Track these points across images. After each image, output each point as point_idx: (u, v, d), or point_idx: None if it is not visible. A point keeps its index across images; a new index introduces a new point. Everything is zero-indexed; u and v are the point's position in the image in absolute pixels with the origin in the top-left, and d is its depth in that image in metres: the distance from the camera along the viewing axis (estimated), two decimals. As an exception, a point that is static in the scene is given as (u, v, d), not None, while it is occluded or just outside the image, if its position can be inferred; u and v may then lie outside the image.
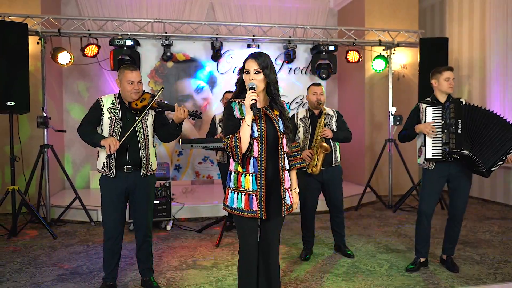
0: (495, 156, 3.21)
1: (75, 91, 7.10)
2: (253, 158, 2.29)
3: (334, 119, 3.91)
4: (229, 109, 2.35)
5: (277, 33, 6.63)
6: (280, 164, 2.34)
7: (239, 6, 7.57)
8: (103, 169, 2.99)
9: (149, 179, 3.11)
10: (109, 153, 2.82)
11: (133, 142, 2.99)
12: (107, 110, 3.00)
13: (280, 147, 2.34)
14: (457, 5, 7.17)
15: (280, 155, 2.34)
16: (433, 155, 3.36)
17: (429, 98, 3.56)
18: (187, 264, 3.81)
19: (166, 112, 3.19)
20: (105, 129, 2.99)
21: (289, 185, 2.44)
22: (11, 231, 4.68)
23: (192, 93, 6.91)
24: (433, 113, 3.38)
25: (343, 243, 4.06)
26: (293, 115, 3.91)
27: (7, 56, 4.71)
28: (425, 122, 3.43)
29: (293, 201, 2.45)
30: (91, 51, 5.64)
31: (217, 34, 6.20)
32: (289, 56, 6.38)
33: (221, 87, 6.71)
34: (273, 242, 2.44)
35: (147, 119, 3.07)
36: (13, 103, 4.69)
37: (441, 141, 3.33)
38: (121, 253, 3.17)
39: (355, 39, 6.45)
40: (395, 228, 5.05)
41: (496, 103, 6.29)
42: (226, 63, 6.80)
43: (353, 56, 6.36)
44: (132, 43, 5.66)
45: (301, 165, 2.51)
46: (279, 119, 2.36)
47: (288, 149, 2.42)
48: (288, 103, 2.55)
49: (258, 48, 6.15)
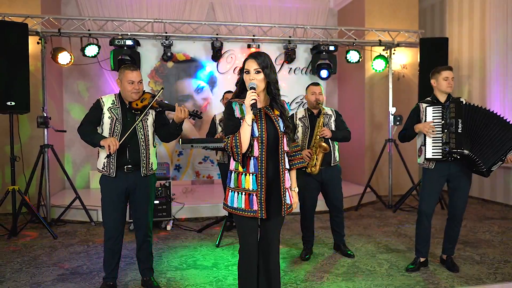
0: (495, 156, 3.22)
1: (75, 91, 7.11)
2: (253, 157, 2.29)
3: (333, 118, 3.91)
4: (230, 109, 2.35)
5: (277, 33, 6.64)
6: (280, 163, 2.34)
7: (239, 6, 7.57)
8: (103, 169, 2.99)
9: (150, 179, 3.12)
10: (108, 153, 2.82)
11: (134, 142, 3.00)
12: (108, 110, 3.00)
13: (280, 147, 2.35)
14: (457, 5, 7.17)
15: (280, 155, 2.35)
16: (433, 155, 3.36)
17: (429, 97, 3.56)
18: (187, 264, 3.82)
19: (166, 112, 3.19)
20: (106, 129, 2.99)
21: (289, 185, 2.45)
22: (11, 231, 4.68)
23: (192, 93, 6.91)
24: (433, 113, 3.38)
25: (342, 243, 4.06)
26: (292, 115, 3.90)
27: (7, 56, 4.72)
28: (425, 121, 3.43)
29: (293, 201, 2.46)
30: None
31: (217, 34, 6.21)
32: (289, 56, 6.38)
33: (221, 87, 6.70)
34: (273, 241, 2.44)
35: (147, 119, 3.07)
36: (13, 103, 4.70)
37: (441, 140, 3.33)
38: (121, 253, 3.17)
39: (355, 39, 6.45)
40: (395, 228, 5.05)
41: (496, 103, 6.29)
42: (226, 63, 6.81)
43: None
44: (132, 43, 5.67)
45: (301, 164, 2.51)
46: (279, 118, 2.36)
47: (288, 149, 2.42)
48: (288, 103, 2.55)
49: (258, 48, 6.15)
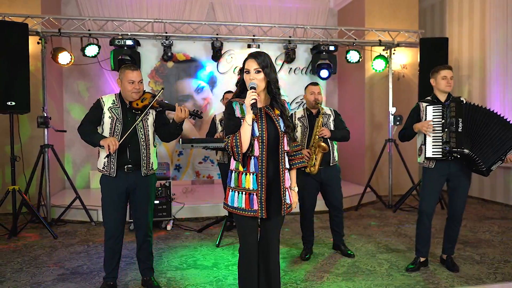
0: (495, 155, 3.22)
1: (76, 91, 7.11)
2: (254, 157, 2.29)
3: (331, 118, 3.91)
4: (230, 109, 2.35)
5: (277, 33, 6.64)
6: (280, 163, 2.35)
7: (239, 6, 7.57)
8: (103, 168, 3.00)
9: (150, 178, 3.12)
10: (108, 153, 2.82)
11: (134, 141, 3.00)
12: (108, 109, 3.00)
13: (280, 146, 2.35)
14: (457, 5, 7.17)
15: (280, 154, 2.35)
16: (433, 154, 3.37)
17: (429, 97, 3.56)
18: (188, 263, 3.82)
19: (166, 112, 3.19)
20: (106, 128, 2.99)
21: (289, 184, 2.45)
22: (12, 231, 4.68)
23: (192, 93, 6.91)
24: (434, 112, 3.38)
25: (342, 242, 4.06)
26: (291, 115, 3.89)
27: (8, 56, 4.72)
28: (425, 120, 3.43)
29: (293, 201, 2.45)
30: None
31: (217, 34, 6.21)
32: (289, 56, 6.38)
33: (221, 87, 6.69)
34: (273, 241, 2.44)
35: (147, 119, 3.07)
36: (13, 103, 4.70)
37: (441, 139, 3.33)
38: (121, 253, 3.18)
39: (355, 39, 6.45)
40: (395, 228, 5.05)
41: (496, 103, 6.29)
42: (226, 63, 6.80)
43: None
44: (132, 43, 5.67)
45: (302, 164, 2.51)
46: (280, 118, 2.37)
47: (289, 148, 2.42)
48: (288, 103, 2.55)
49: (258, 48, 6.15)
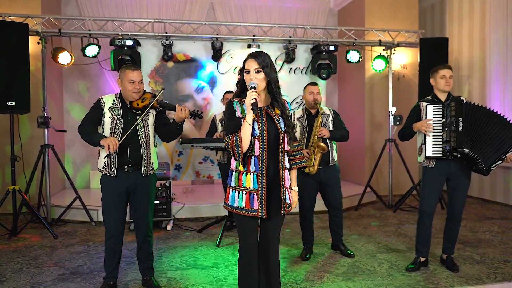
0: (495, 154, 3.22)
1: (76, 91, 7.11)
2: (254, 157, 2.29)
3: (330, 118, 3.91)
4: (231, 109, 2.35)
5: (277, 33, 6.64)
6: (280, 163, 2.35)
7: (239, 6, 7.57)
8: (104, 168, 3.00)
9: (150, 178, 3.12)
10: (108, 152, 2.82)
11: (134, 141, 3.00)
12: (108, 109, 3.00)
13: (281, 146, 2.35)
14: (457, 5, 7.17)
15: (281, 154, 2.35)
16: (433, 153, 3.37)
17: (430, 96, 3.56)
18: (188, 263, 3.82)
19: (166, 112, 3.20)
20: (107, 128, 3.00)
21: (289, 184, 2.45)
22: (12, 231, 4.69)
23: (192, 93, 6.91)
24: (434, 111, 3.38)
25: (341, 242, 4.06)
26: (290, 115, 3.90)
27: (8, 56, 4.72)
28: (424, 120, 3.43)
29: (292, 200, 2.45)
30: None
31: (217, 34, 6.21)
32: (289, 56, 6.38)
33: (222, 87, 6.69)
34: (273, 241, 2.44)
35: (148, 119, 3.07)
36: (13, 103, 4.70)
37: (441, 139, 3.33)
38: (121, 253, 3.18)
39: (355, 39, 6.45)
40: (395, 228, 5.05)
41: (496, 103, 6.29)
42: (226, 63, 6.80)
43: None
44: (132, 43, 5.67)
45: (302, 164, 2.51)
46: (280, 118, 2.37)
47: (289, 148, 2.42)
48: (289, 103, 2.55)
49: (258, 48, 6.15)
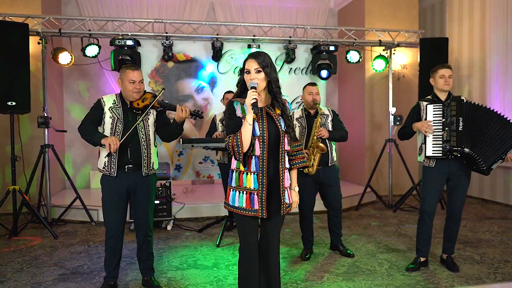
0: (496, 154, 3.22)
1: (76, 91, 7.11)
2: (255, 157, 2.30)
3: (330, 118, 3.91)
4: (231, 108, 2.35)
5: (277, 33, 6.64)
6: (280, 162, 2.35)
7: (239, 6, 7.57)
8: (104, 168, 3.00)
9: (151, 178, 3.12)
10: (109, 152, 2.83)
11: (135, 141, 3.00)
12: (109, 109, 3.01)
13: (281, 146, 2.35)
14: (457, 5, 7.17)
15: (281, 154, 2.35)
16: (433, 153, 3.37)
17: (430, 96, 3.57)
18: (188, 263, 3.82)
19: (167, 112, 3.20)
20: (107, 128, 3.00)
21: (289, 184, 2.45)
22: (12, 231, 4.69)
23: (192, 93, 6.91)
24: (434, 111, 3.38)
25: (340, 242, 4.06)
26: (290, 115, 3.90)
27: (8, 56, 4.72)
28: (425, 119, 3.43)
29: (292, 200, 2.46)
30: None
31: (217, 34, 6.21)
32: (289, 56, 6.39)
33: (222, 87, 6.69)
34: (273, 241, 2.44)
35: (148, 119, 3.07)
36: (14, 103, 4.71)
37: (441, 138, 3.33)
38: (122, 253, 3.18)
39: (355, 39, 6.45)
40: (395, 228, 5.05)
41: (496, 103, 6.29)
42: (226, 63, 6.80)
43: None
44: (132, 43, 5.67)
45: (302, 164, 2.51)
46: (280, 118, 2.37)
47: (290, 148, 2.42)
48: (289, 103, 2.56)
49: (258, 48, 6.15)
